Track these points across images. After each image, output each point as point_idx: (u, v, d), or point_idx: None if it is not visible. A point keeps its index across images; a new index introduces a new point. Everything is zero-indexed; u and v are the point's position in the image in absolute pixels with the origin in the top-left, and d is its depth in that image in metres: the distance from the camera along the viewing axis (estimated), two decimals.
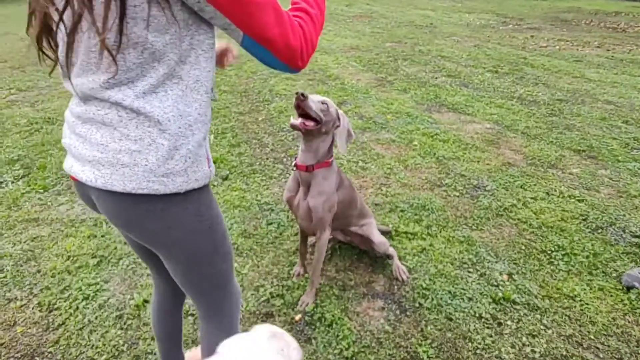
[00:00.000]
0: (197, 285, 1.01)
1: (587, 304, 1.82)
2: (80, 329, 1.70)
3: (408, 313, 1.78)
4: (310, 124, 1.51)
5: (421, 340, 1.64)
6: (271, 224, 2.36)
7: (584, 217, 2.42)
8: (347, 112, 4.05)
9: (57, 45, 0.80)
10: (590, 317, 1.76)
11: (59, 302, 1.82)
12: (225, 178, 2.85)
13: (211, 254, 0.96)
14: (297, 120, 1.50)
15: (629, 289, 1.89)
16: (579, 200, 2.58)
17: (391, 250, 2.00)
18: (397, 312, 1.79)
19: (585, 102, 4.28)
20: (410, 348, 1.61)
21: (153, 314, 1.30)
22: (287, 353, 0.74)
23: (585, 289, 1.90)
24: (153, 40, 0.73)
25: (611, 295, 1.87)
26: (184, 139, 0.81)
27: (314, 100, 1.51)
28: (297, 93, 1.44)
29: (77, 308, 1.79)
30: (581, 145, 3.33)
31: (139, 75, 0.76)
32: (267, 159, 3.14)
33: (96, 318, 1.75)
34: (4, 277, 1.96)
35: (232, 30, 0.78)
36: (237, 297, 1.13)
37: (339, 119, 1.61)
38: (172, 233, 0.88)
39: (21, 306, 1.81)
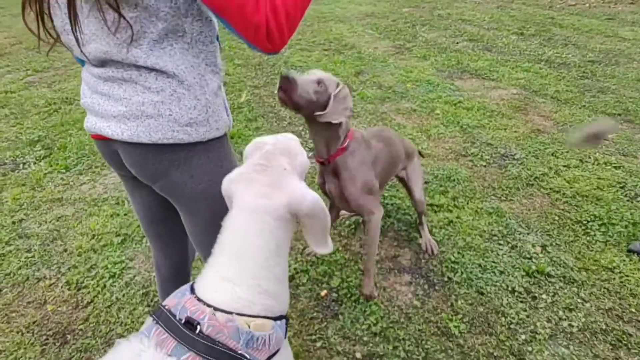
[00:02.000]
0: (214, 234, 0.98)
1: (627, 275, 1.73)
2: (109, 306, 1.71)
3: (437, 287, 1.73)
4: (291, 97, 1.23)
5: (452, 315, 1.60)
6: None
7: (621, 185, 2.29)
8: (365, 82, 3.92)
9: (53, 26, 0.81)
10: (630, 290, 1.67)
11: (87, 280, 1.84)
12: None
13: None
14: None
15: (632, 252, 1.83)
16: (615, 167, 2.44)
17: (424, 219, 1.94)
18: (425, 286, 1.74)
19: (619, 63, 4.02)
20: (441, 323, 1.57)
21: (160, 295, 1.29)
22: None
23: (624, 260, 1.81)
24: None
25: None
26: (200, 89, 0.82)
27: (307, 82, 1.26)
28: (281, 76, 1.18)
29: (105, 286, 1.80)
30: (616, 108, 3.13)
31: (140, 32, 0.75)
32: (285, 132, 3.06)
33: (123, 296, 1.76)
34: (32, 257, 1.99)
35: None
36: None
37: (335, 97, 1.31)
38: (195, 182, 0.90)
39: (50, 285, 1.83)
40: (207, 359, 0.67)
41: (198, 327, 0.69)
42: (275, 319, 0.80)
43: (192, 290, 0.78)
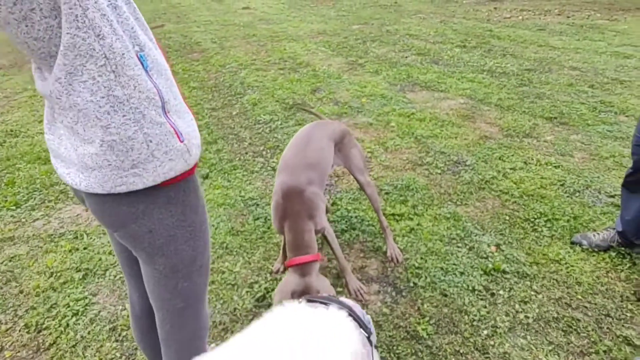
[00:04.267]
0: (169, 300, 0.97)
1: (572, 266, 1.89)
2: (73, 346, 1.65)
3: (404, 293, 1.81)
4: None
5: (419, 319, 1.67)
6: (258, 218, 2.33)
7: (561, 183, 2.50)
8: (322, 99, 4.03)
9: None
10: (576, 278, 1.83)
11: (47, 321, 1.76)
12: (206, 177, 2.80)
13: (189, 264, 0.93)
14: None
15: (575, 243, 2.00)
16: (555, 167, 2.66)
17: (386, 226, 2.02)
18: (393, 293, 1.81)
19: (552, 70, 4.39)
20: (410, 327, 1.64)
21: (133, 331, 1.25)
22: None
23: (569, 252, 1.97)
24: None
25: (593, 256, 1.94)
26: (135, 125, 0.73)
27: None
28: None
29: (68, 325, 1.73)
30: (552, 112, 3.42)
31: (46, 54, 0.68)
32: (247, 153, 3.09)
33: (89, 333, 1.70)
34: None
35: None
36: (204, 323, 1.07)
37: None
38: (153, 237, 0.85)
39: (7, 330, 1.74)
40: None
41: None
42: None
43: None
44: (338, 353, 0.80)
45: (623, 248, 1.93)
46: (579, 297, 1.74)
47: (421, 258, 1.98)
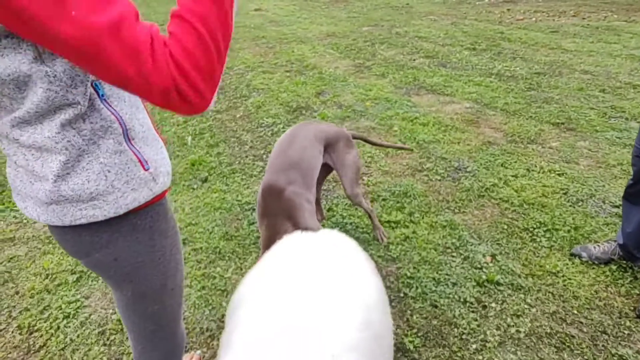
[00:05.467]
0: (139, 323, 0.96)
1: (569, 279, 1.83)
2: (62, 349, 1.67)
3: (393, 304, 1.78)
4: None
5: (407, 331, 1.64)
6: (253, 223, 2.33)
7: (564, 191, 2.43)
8: (326, 102, 4.01)
9: None
10: (573, 292, 1.77)
11: (39, 323, 1.79)
12: (205, 180, 2.81)
13: (160, 289, 0.91)
14: None
15: (574, 255, 1.94)
16: (559, 174, 2.59)
17: (371, 210, 2.07)
18: None
19: (562, 74, 4.28)
20: (397, 339, 1.61)
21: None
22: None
23: (567, 264, 1.91)
24: None
25: (593, 268, 1.88)
26: (89, 156, 0.71)
27: None
28: None
29: (58, 328, 1.76)
30: (560, 117, 3.33)
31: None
32: (247, 157, 3.10)
33: (78, 336, 1.71)
34: None
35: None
36: (180, 344, 1.06)
37: None
38: (119, 265, 0.83)
39: (0, 330, 1.77)
40: None
41: None
42: None
43: None
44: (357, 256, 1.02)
45: (624, 262, 1.87)
46: (575, 312, 1.68)
47: (414, 267, 1.95)
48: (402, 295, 1.81)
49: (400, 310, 1.74)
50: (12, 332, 1.76)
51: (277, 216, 1.56)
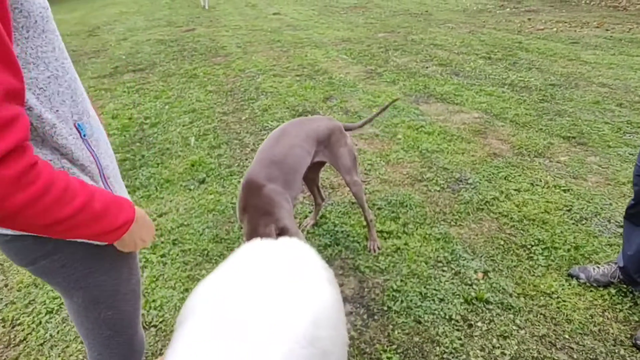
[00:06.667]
0: (93, 329, 0.93)
1: (564, 301, 1.74)
2: (41, 344, 1.67)
3: (376, 317, 1.72)
4: None
5: (386, 346, 1.59)
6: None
7: (568, 208, 2.33)
8: (333, 107, 3.98)
9: None
10: (566, 315, 1.68)
11: (23, 317, 1.80)
12: (202, 181, 2.81)
13: (112, 294, 0.89)
14: None
15: (572, 276, 1.85)
16: (564, 190, 2.49)
17: (371, 219, 2.07)
18: (365, 316, 1.73)
19: (579, 86, 4.14)
20: (375, 354, 1.56)
21: None
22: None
23: (563, 285, 1.82)
24: None
25: (590, 291, 1.78)
26: None
27: None
28: None
29: (40, 323, 1.77)
30: (571, 131, 3.21)
31: None
32: (247, 159, 3.09)
33: (58, 333, 1.72)
34: None
35: None
36: (138, 349, 1.03)
37: None
38: (67, 272, 0.81)
39: None
40: None
41: None
42: None
43: None
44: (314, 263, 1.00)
45: (624, 286, 1.77)
46: (567, 336, 1.60)
47: (401, 280, 1.89)
48: (385, 308, 1.76)
49: (382, 324, 1.69)
50: None
51: (257, 211, 1.55)
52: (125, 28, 9.32)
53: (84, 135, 0.75)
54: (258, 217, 1.53)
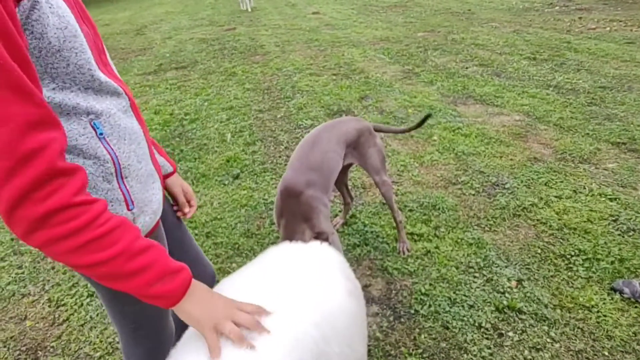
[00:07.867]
0: (119, 321, 0.97)
1: (605, 315, 1.65)
2: (82, 325, 1.78)
3: (402, 320, 1.70)
4: None
5: (412, 350, 1.56)
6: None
7: (614, 218, 2.19)
8: (368, 107, 3.95)
9: None
10: (607, 331, 1.59)
11: (67, 298, 1.92)
12: (236, 177, 2.88)
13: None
14: None
15: (615, 290, 1.74)
16: (610, 199, 2.35)
17: (400, 220, 2.05)
18: (391, 318, 1.71)
19: (632, 89, 3.88)
20: (399, 358, 1.54)
21: None
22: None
23: (604, 299, 1.72)
24: None
25: (635, 307, 1.68)
26: None
27: None
28: None
29: (82, 305, 1.88)
30: (621, 137, 3.02)
31: None
32: (280, 157, 3.13)
33: (97, 315, 1.82)
34: (22, 273, 2.10)
35: None
36: (165, 341, 1.04)
37: None
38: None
39: (33, 301, 1.93)
40: None
41: None
42: None
43: None
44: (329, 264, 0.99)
45: None
46: (606, 353, 1.51)
47: (430, 284, 1.86)
48: (412, 311, 1.73)
49: (408, 327, 1.67)
50: (43, 303, 1.91)
51: (295, 217, 1.56)
52: (170, 27, 9.68)
53: (101, 134, 0.75)
54: (295, 222, 1.55)
